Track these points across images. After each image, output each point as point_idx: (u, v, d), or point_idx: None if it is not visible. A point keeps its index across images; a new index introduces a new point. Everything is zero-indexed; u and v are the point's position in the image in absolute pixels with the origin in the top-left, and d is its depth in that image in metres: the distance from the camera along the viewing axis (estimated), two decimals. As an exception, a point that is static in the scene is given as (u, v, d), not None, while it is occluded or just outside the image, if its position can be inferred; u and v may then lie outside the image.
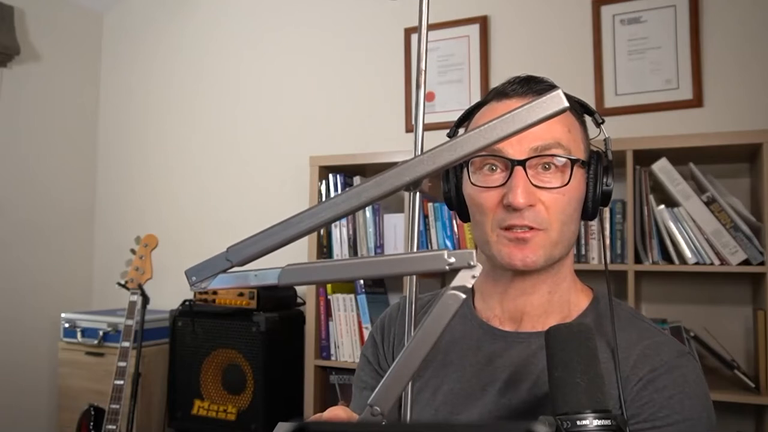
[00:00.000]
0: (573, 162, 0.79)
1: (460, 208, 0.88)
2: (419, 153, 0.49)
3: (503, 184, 0.79)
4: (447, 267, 0.44)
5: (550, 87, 0.84)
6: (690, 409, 0.75)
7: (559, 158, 0.78)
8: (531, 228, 0.78)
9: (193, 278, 0.49)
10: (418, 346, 0.44)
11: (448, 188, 0.89)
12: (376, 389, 0.44)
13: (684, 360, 0.79)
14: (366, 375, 0.97)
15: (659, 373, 0.77)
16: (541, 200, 0.78)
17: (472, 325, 0.89)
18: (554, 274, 0.85)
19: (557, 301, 0.85)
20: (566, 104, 0.41)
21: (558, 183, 0.78)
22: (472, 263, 0.43)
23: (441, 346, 0.88)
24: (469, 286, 0.44)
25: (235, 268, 0.49)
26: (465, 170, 0.85)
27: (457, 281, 0.44)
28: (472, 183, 0.83)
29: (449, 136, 0.91)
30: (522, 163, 0.77)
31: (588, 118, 0.88)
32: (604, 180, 0.82)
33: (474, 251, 0.44)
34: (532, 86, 0.83)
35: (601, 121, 0.86)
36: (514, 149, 0.78)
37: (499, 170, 0.80)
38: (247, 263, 0.49)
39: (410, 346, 0.44)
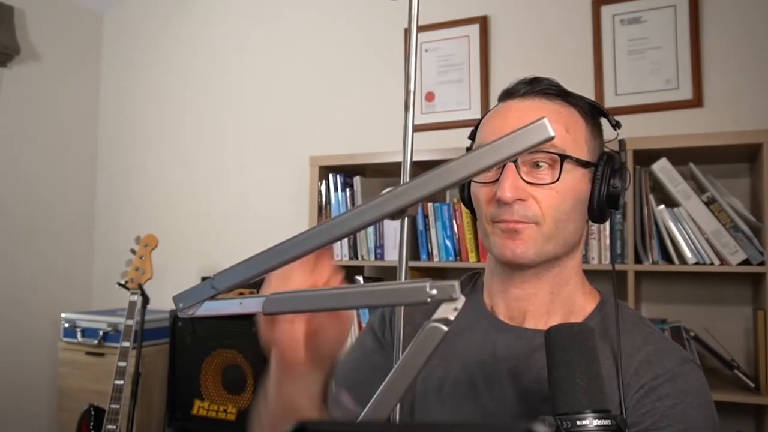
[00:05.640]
0: (563, 159, 0.79)
1: (472, 206, 0.90)
2: (407, 180, 0.50)
3: (496, 180, 0.80)
4: (428, 299, 0.44)
5: (551, 86, 0.85)
6: (693, 419, 0.74)
7: (552, 155, 0.79)
8: (523, 222, 0.79)
9: (180, 304, 0.50)
10: (400, 377, 0.44)
11: (461, 188, 0.91)
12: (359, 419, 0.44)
13: (687, 368, 0.78)
14: (367, 339, 0.96)
15: (662, 381, 0.76)
16: (533, 195, 0.79)
17: (478, 315, 0.89)
18: (555, 275, 0.85)
19: (560, 303, 0.86)
20: (551, 134, 0.41)
21: (549, 180, 0.79)
22: (454, 296, 0.43)
23: (450, 334, 0.88)
24: (452, 318, 0.43)
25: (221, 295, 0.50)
26: None
27: (439, 313, 0.44)
28: (473, 180, 0.85)
29: (470, 138, 0.92)
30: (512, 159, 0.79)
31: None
32: (612, 182, 0.82)
33: (456, 283, 0.44)
34: (534, 86, 0.84)
35: (614, 123, 0.87)
36: None
37: (495, 167, 0.81)
38: (232, 290, 0.50)
39: (392, 378, 0.44)
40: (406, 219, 0.54)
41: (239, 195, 2.91)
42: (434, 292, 0.44)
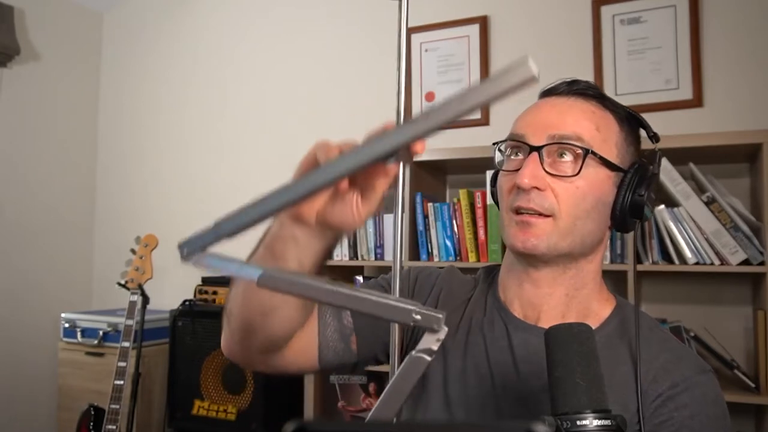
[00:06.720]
0: (585, 153, 0.79)
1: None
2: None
3: (519, 169, 0.81)
4: (412, 323, 0.45)
5: (590, 88, 0.85)
6: (710, 429, 0.75)
7: (576, 148, 0.79)
8: (539, 214, 0.79)
9: (185, 250, 0.52)
10: (387, 404, 0.45)
11: (491, 182, 0.92)
12: None
13: (704, 377, 0.78)
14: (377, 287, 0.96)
15: (680, 390, 0.76)
16: (552, 187, 0.79)
17: (496, 311, 0.89)
18: (571, 277, 0.84)
19: (576, 306, 0.85)
20: (534, 73, 0.39)
21: (570, 173, 0.79)
22: (436, 327, 0.44)
23: (466, 325, 0.90)
24: (435, 348, 0.44)
25: (221, 251, 0.53)
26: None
27: (423, 344, 0.45)
28: (501, 169, 0.86)
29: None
30: (537, 148, 0.79)
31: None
32: (638, 190, 0.81)
33: (441, 316, 0.44)
34: (573, 86, 0.85)
35: (652, 134, 0.86)
36: (536, 137, 0.81)
37: (521, 156, 0.83)
38: (234, 235, 0.53)
39: (379, 405, 0.45)
40: (403, 221, 0.55)
41: (239, 195, 2.89)
42: (418, 318, 0.45)
